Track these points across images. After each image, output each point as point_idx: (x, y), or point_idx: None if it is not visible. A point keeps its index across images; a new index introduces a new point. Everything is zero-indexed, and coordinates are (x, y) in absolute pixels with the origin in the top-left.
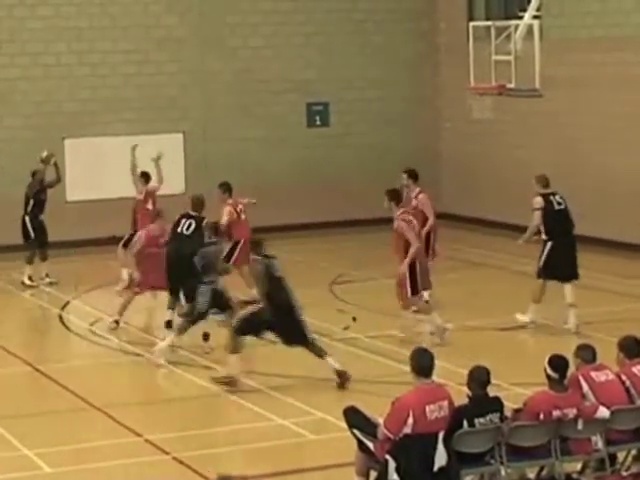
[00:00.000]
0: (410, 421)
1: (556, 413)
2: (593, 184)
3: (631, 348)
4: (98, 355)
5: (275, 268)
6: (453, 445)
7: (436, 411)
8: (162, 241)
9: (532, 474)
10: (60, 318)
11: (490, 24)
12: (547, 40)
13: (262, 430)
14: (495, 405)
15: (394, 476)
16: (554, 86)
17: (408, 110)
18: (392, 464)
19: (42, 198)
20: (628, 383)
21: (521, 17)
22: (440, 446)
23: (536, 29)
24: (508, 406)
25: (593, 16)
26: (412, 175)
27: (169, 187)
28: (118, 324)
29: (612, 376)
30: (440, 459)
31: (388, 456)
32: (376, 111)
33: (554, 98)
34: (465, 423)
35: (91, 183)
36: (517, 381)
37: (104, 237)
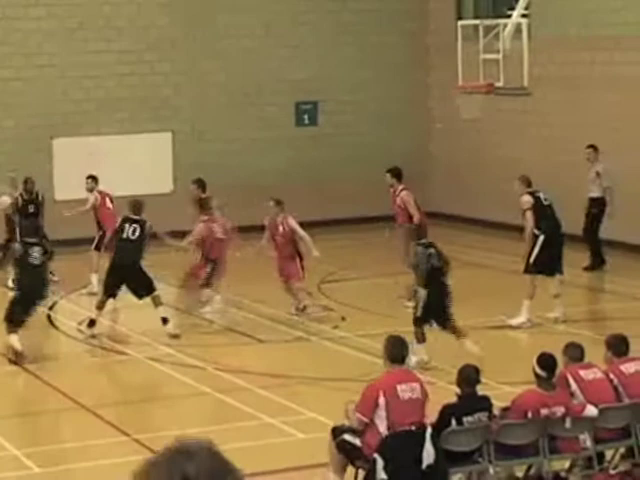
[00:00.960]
0: (382, 401)
1: (544, 411)
2: (582, 184)
3: (619, 346)
4: (86, 355)
5: (436, 258)
6: (441, 443)
7: (408, 391)
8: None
9: (520, 472)
10: (48, 318)
11: (478, 23)
12: (535, 39)
13: (251, 429)
14: (484, 404)
15: (382, 475)
16: (542, 85)
17: (398, 110)
18: (380, 462)
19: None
20: (616, 381)
21: (509, 16)
22: (428, 444)
23: (524, 28)
24: (497, 405)
25: (582, 15)
26: (395, 174)
27: (158, 186)
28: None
29: (600, 374)
30: (428, 457)
31: (376, 455)
32: (366, 111)
33: (543, 97)
34: (454, 421)
35: (81, 182)
36: (506, 380)
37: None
